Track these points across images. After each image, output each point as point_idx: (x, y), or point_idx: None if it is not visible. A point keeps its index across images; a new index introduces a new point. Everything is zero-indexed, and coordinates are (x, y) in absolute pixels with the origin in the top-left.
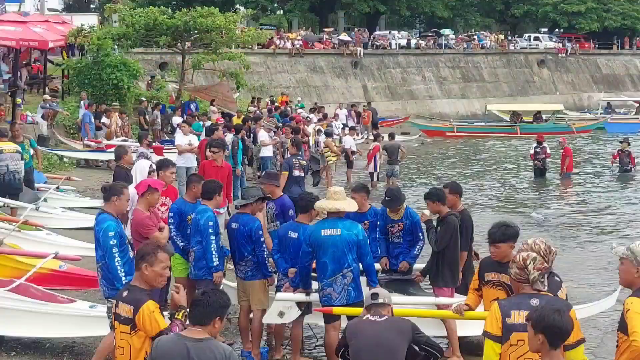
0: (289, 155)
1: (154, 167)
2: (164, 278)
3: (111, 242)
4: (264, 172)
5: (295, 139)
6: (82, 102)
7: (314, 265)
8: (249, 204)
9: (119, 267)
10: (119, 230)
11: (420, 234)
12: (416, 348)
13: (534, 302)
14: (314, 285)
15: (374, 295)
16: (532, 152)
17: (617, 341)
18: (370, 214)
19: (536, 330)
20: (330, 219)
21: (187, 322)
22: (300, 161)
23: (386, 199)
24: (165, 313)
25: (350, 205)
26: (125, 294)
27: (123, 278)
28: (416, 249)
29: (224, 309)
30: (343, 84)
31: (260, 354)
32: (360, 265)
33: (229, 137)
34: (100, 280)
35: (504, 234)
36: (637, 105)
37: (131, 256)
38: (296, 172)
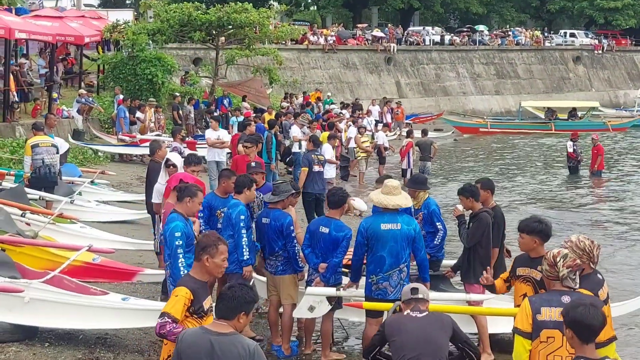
0: (306, 151)
1: (172, 161)
2: (223, 269)
3: (176, 243)
4: (252, 163)
5: (313, 136)
6: (116, 97)
7: (346, 261)
8: (280, 199)
9: (182, 268)
10: (186, 231)
11: (438, 224)
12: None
13: (565, 299)
14: (345, 280)
15: (414, 290)
16: (571, 150)
17: None
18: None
19: (565, 325)
20: (388, 213)
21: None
22: (319, 156)
23: (410, 179)
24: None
25: (408, 200)
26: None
27: None
28: (436, 239)
29: (250, 305)
30: (376, 80)
31: (290, 349)
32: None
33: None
34: (168, 279)
35: (527, 225)
36: None
37: None
38: (316, 168)
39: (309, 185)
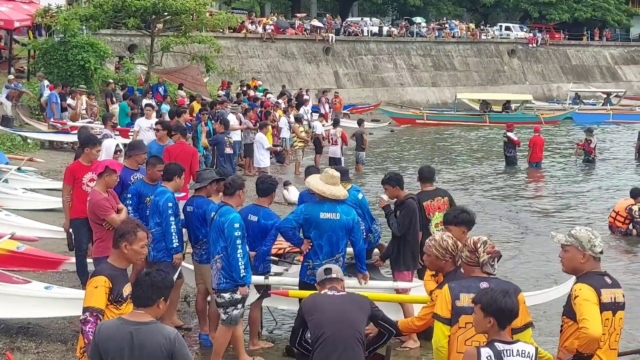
0: (218, 133)
1: (120, 146)
2: (142, 256)
3: (236, 234)
4: (128, 145)
5: (223, 119)
6: (41, 84)
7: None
8: (203, 186)
9: (240, 259)
10: (242, 224)
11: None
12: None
13: (484, 285)
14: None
15: (328, 271)
16: (505, 139)
17: (562, 325)
18: None
19: (486, 314)
20: (329, 202)
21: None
22: (229, 139)
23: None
24: None
25: (345, 192)
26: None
27: (242, 271)
28: None
29: (168, 290)
30: (314, 70)
31: None
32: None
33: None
34: (218, 271)
35: (455, 217)
36: (604, 96)
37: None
38: (227, 150)
39: (219, 166)
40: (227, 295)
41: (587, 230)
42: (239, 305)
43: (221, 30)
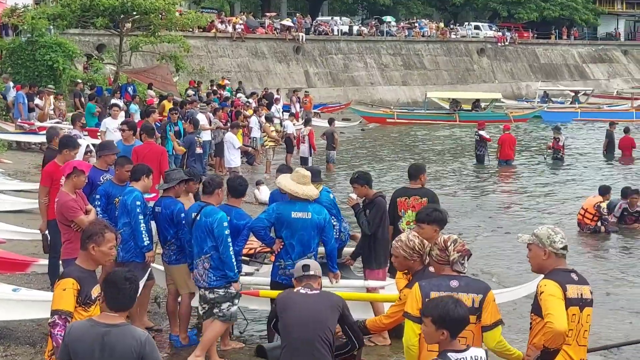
0: (187, 133)
1: (91, 147)
2: (111, 257)
3: (226, 232)
4: (98, 145)
5: (192, 118)
6: (6, 85)
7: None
8: (171, 187)
9: (232, 256)
10: (228, 222)
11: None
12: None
13: (454, 283)
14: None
15: (306, 267)
16: (477, 138)
17: (531, 323)
18: None
19: (439, 326)
20: (300, 201)
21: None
22: (199, 139)
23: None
24: None
25: (316, 191)
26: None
27: (235, 268)
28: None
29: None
30: (285, 70)
31: (188, 338)
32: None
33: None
34: (206, 271)
35: (428, 215)
36: (573, 94)
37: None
38: (198, 150)
39: (189, 166)
40: (221, 291)
41: (547, 227)
42: (235, 301)
43: (191, 30)
